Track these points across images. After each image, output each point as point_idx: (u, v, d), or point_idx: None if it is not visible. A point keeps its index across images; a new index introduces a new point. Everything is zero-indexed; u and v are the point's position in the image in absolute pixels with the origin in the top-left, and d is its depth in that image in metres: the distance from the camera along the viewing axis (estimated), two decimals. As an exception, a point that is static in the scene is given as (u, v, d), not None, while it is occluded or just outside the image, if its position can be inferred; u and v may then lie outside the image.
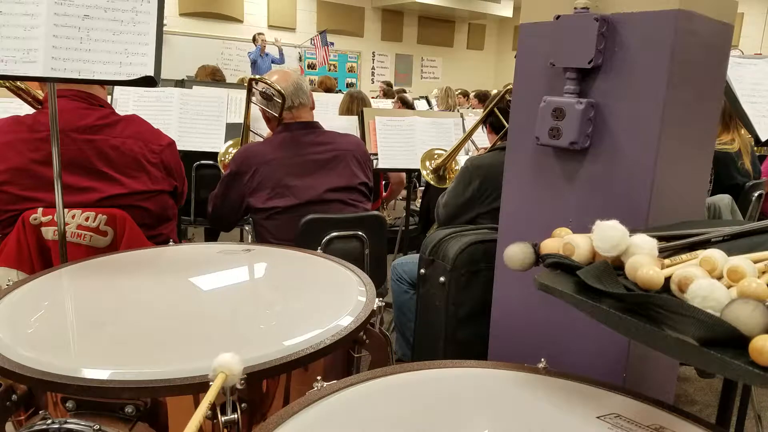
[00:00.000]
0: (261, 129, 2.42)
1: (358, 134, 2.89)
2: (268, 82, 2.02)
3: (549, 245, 0.87)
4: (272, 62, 9.66)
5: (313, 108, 2.13)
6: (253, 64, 9.61)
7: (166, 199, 1.74)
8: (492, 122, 2.34)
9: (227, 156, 2.54)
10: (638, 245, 0.78)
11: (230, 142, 2.63)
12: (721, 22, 1.28)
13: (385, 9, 13.70)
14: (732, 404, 1.11)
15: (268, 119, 2.12)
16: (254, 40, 9.68)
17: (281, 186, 1.93)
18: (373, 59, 14.05)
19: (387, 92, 8.52)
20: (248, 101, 2.24)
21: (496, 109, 2.29)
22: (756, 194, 2.58)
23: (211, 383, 0.74)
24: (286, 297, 1.24)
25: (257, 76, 2.09)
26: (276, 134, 2.04)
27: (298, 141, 2.00)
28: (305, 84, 2.12)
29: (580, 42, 1.23)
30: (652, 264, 0.73)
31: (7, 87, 1.83)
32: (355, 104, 3.77)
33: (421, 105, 7.38)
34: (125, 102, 2.75)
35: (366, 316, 1.10)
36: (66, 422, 0.84)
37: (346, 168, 2.05)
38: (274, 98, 2.03)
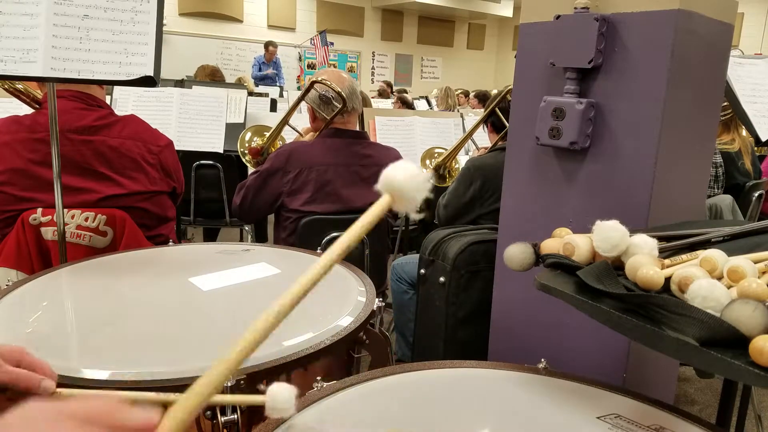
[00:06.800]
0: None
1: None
2: (332, 85, 1.99)
3: (549, 245, 0.87)
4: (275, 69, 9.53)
5: (359, 114, 2.11)
6: (260, 75, 9.27)
7: (164, 199, 1.74)
8: (493, 122, 2.35)
9: (252, 143, 2.48)
10: (638, 245, 0.78)
11: (251, 131, 2.56)
12: (721, 21, 1.28)
13: (385, 9, 13.70)
14: (732, 404, 1.11)
15: (315, 118, 2.10)
16: (266, 48, 9.42)
17: (325, 192, 1.92)
18: (373, 59, 14.06)
19: (381, 92, 8.52)
20: (301, 99, 2.19)
21: (497, 109, 2.30)
22: (756, 194, 2.58)
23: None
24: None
25: (320, 78, 2.03)
26: (324, 137, 2.01)
27: (348, 150, 1.99)
28: (358, 88, 2.11)
29: (580, 42, 1.23)
30: (652, 264, 0.73)
31: (5, 89, 1.83)
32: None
33: (421, 105, 7.39)
34: (125, 102, 2.76)
35: (366, 316, 1.10)
36: (65, 422, 0.83)
37: None
38: (333, 101, 2.00)
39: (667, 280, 0.72)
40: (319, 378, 0.88)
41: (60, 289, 1.23)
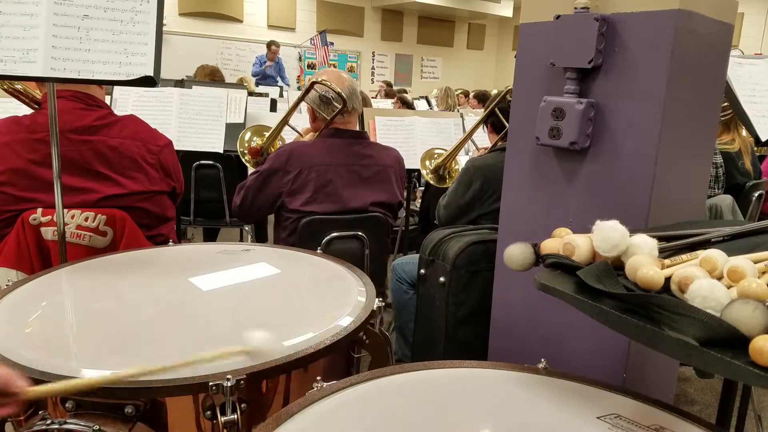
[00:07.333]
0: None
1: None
2: (332, 85, 1.98)
3: (549, 245, 0.87)
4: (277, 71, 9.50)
5: (359, 114, 2.11)
6: (261, 74, 9.27)
7: (164, 199, 1.74)
8: (493, 122, 2.34)
9: (252, 143, 2.47)
10: (638, 245, 0.78)
11: (250, 131, 2.53)
12: (721, 22, 1.28)
13: (385, 9, 13.69)
14: (732, 404, 1.11)
15: (315, 118, 2.10)
16: (268, 48, 9.41)
17: (325, 192, 1.92)
18: (373, 59, 14.04)
19: (387, 92, 8.51)
20: (301, 100, 2.18)
21: (496, 109, 2.29)
22: (756, 194, 2.58)
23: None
24: (285, 297, 1.24)
25: (320, 78, 2.02)
26: (324, 137, 2.01)
27: (348, 150, 1.99)
28: (358, 88, 2.11)
29: (580, 42, 1.23)
30: (652, 264, 0.73)
31: (4, 89, 1.83)
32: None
33: (421, 105, 7.38)
34: (125, 102, 2.75)
35: (366, 316, 1.10)
36: (65, 422, 0.84)
37: (389, 184, 2.06)
38: (333, 102, 2.00)
39: (667, 280, 0.72)
40: (319, 378, 0.88)
41: (60, 289, 1.23)
